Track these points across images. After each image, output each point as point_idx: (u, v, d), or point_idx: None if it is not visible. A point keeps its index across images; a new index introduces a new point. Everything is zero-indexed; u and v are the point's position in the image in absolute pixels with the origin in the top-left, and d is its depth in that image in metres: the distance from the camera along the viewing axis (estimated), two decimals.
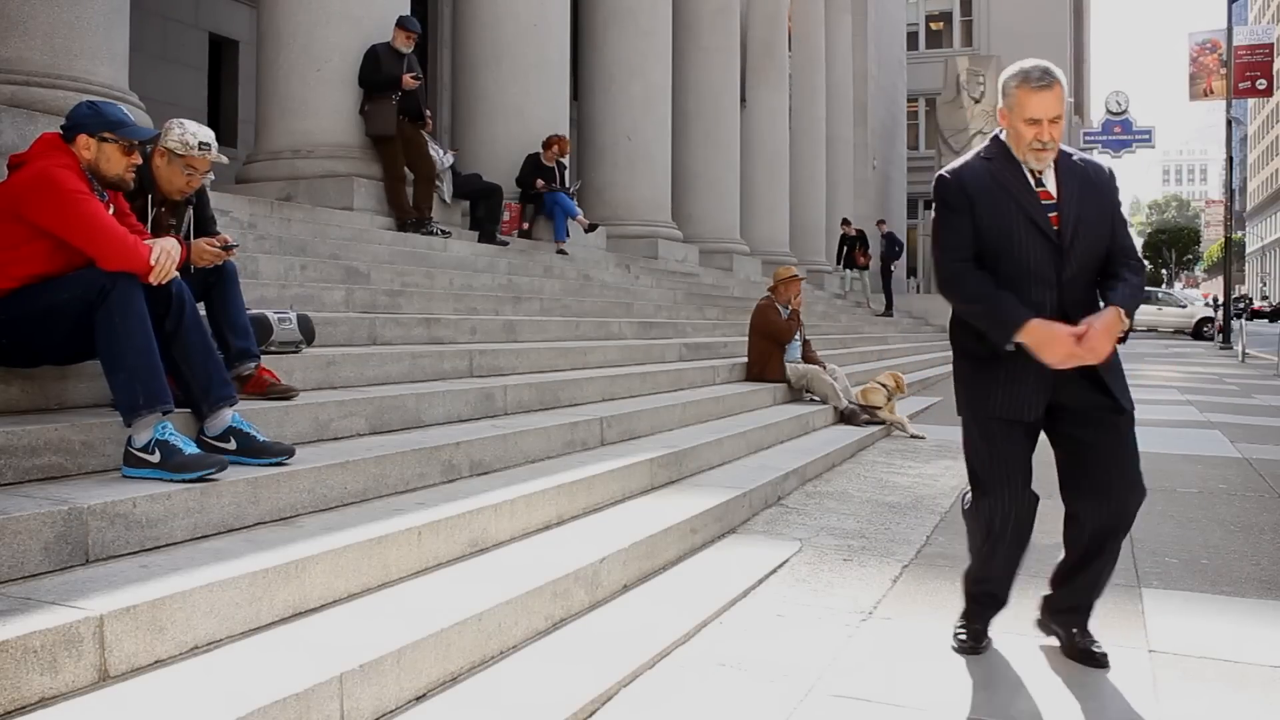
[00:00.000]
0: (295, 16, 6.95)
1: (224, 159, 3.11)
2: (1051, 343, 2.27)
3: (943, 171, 2.51)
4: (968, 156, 2.53)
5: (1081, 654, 2.53)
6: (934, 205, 2.50)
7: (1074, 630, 2.56)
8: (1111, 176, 2.48)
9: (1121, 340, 2.36)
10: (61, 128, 2.65)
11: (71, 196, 2.50)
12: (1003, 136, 2.45)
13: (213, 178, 3.28)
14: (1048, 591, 2.63)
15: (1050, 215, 2.37)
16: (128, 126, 2.69)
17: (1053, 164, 2.40)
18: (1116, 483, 2.40)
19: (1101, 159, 2.55)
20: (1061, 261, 2.36)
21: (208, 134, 3.02)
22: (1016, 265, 2.38)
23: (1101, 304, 2.41)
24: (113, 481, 2.40)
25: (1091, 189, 2.41)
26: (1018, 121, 2.35)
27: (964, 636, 2.62)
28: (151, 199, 3.03)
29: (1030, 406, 2.39)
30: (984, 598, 2.63)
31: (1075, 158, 2.46)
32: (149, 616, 1.91)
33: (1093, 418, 2.40)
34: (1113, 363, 2.40)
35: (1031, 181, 2.40)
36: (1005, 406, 2.40)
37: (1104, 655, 2.51)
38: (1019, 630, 2.75)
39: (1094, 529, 2.44)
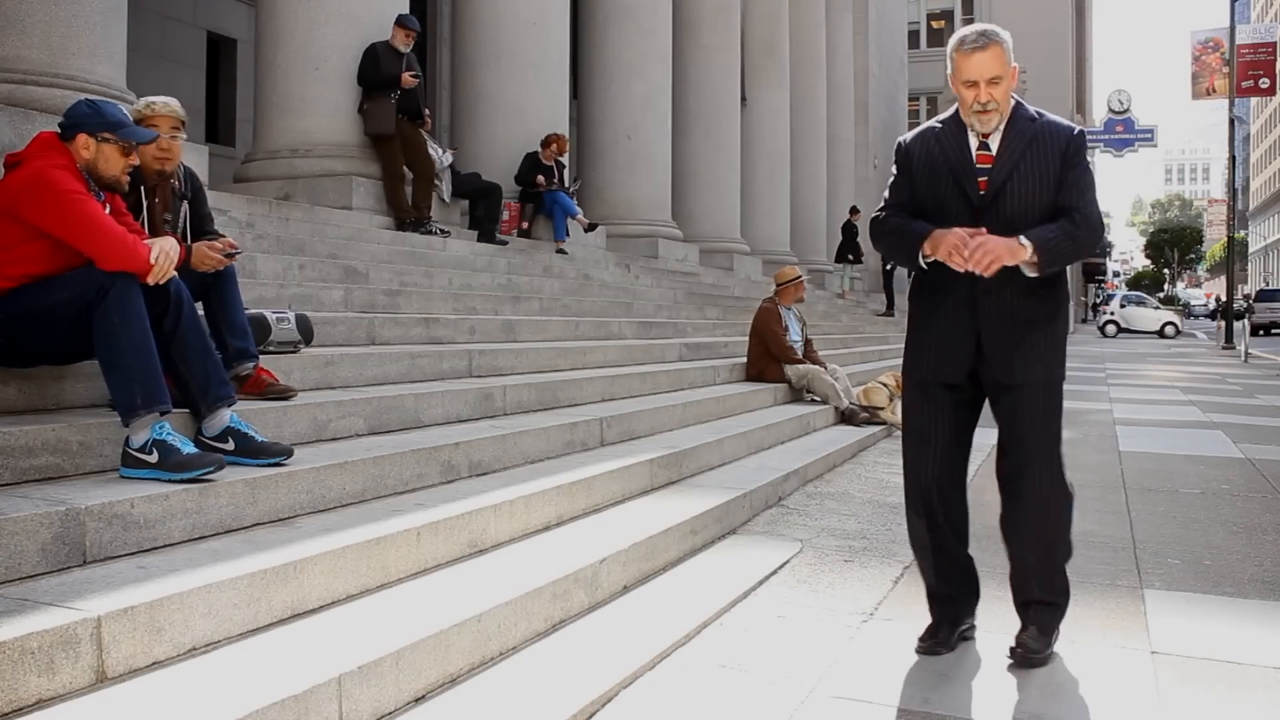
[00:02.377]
0: (294, 15, 6.93)
1: (181, 112, 3.09)
2: (944, 237, 2.34)
3: (900, 138, 2.60)
4: (927, 123, 2.58)
5: (1017, 644, 2.48)
6: None
7: (1026, 626, 2.51)
8: (1073, 139, 2.44)
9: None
10: (60, 126, 2.64)
11: (69, 197, 2.49)
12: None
13: (203, 161, 3.25)
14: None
15: (981, 180, 2.40)
16: (127, 127, 2.68)
17: (1004, 127, 2.42)
18: (1023, 460, 2.46)
19: (1072, 124, 2.55)
20: (977, 224, 2.37)
21: (156, 97, 3.05)
22: (940, 226, 2.41)
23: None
24: (110, 482, 2.40)
25: (1038, 151, 2.40)
26: (958, 86, 2.40)
27: (923, 637, 2.58)
28: (144, 190, 3.02)
29: (954, 369, 2.48)
30: (935, 588, 2.60)
31: (1033, 120, 2.44)
32: (147, 618, 1.90)
33: (996, 394, 2.49)
34: (1025, 334, 2.42)
35: (974, 144, 2.43)
36: (934, 369, 2.50)
37: (1034, 654, 2.46)
38: None
39: (1011, 509, 2.52)
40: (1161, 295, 37.70)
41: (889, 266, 17.38)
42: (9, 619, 1.77)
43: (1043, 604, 2.53)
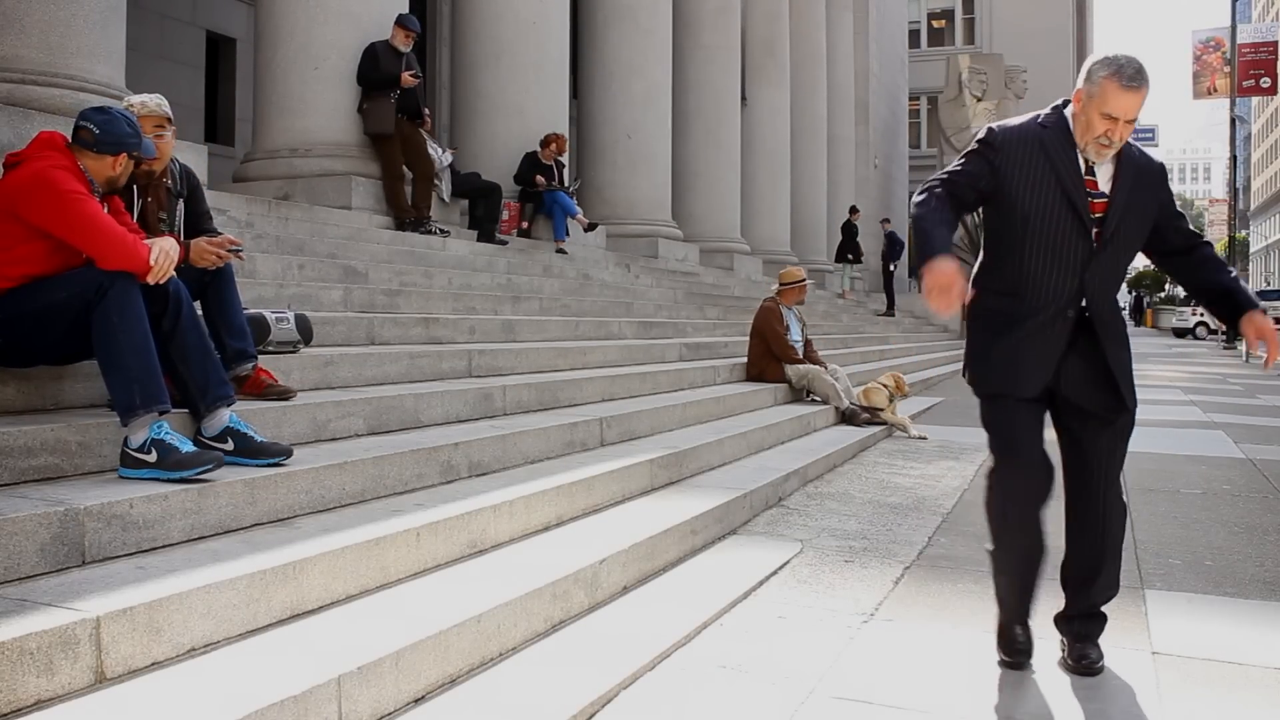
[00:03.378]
0: (293, 14, 6.93)
1: (165, 110, 3.08)
2: (931, 276, 2.22)
3: (994, 124, 2.46)
4: (1025, 118, 2.44)
5: (1076, 660, 2.44)
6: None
7: (1081, 640, 2.47)
8: (1163, 171, 2.46)
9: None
10: (96, 141, 2.60)
11: (70, 197, 2.49)
12: (1067, 111, 2.37)
13: (201, 160, 3.26)
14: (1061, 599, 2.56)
15: (1093, 201, 2.33)
16: (145, 141, 2.73)
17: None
18: (1106, 483, 2.43)
19: (1153, 154, 2.54)
20: (1091, 249, 2.33)
21: (136, 96, 3.07)
22: (1044, 241, 2.33)
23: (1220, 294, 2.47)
24: (109, 482, 2.39)
25: (1144, 183, 2.38)
26: (1093, 112, 2.26)
27: (1004, 656, 2.50)
28: (136, 189, 3.02)
29: (1028, 384, 2.37)
30: (1008, 600, 2.51)
31: (1130, 148, 2.39)
32: (146, 618, 1.90)
33: (1095, 417, 2.39)
34: (1125, 360, 2.39)
35: (1082, 165, 2.33)
36: (1004, 383, 2.40)
37: (1096, 664, 2.43)
38: None
39: (1090, 528, 2.45)
40: (1162, 295, 37.63)
41: (891, 267, 17.37)
42: (8, 619, 1.77)
43: (1098, 616, 2.50)
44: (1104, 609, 2.52)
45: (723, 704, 2.25)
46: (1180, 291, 42.64)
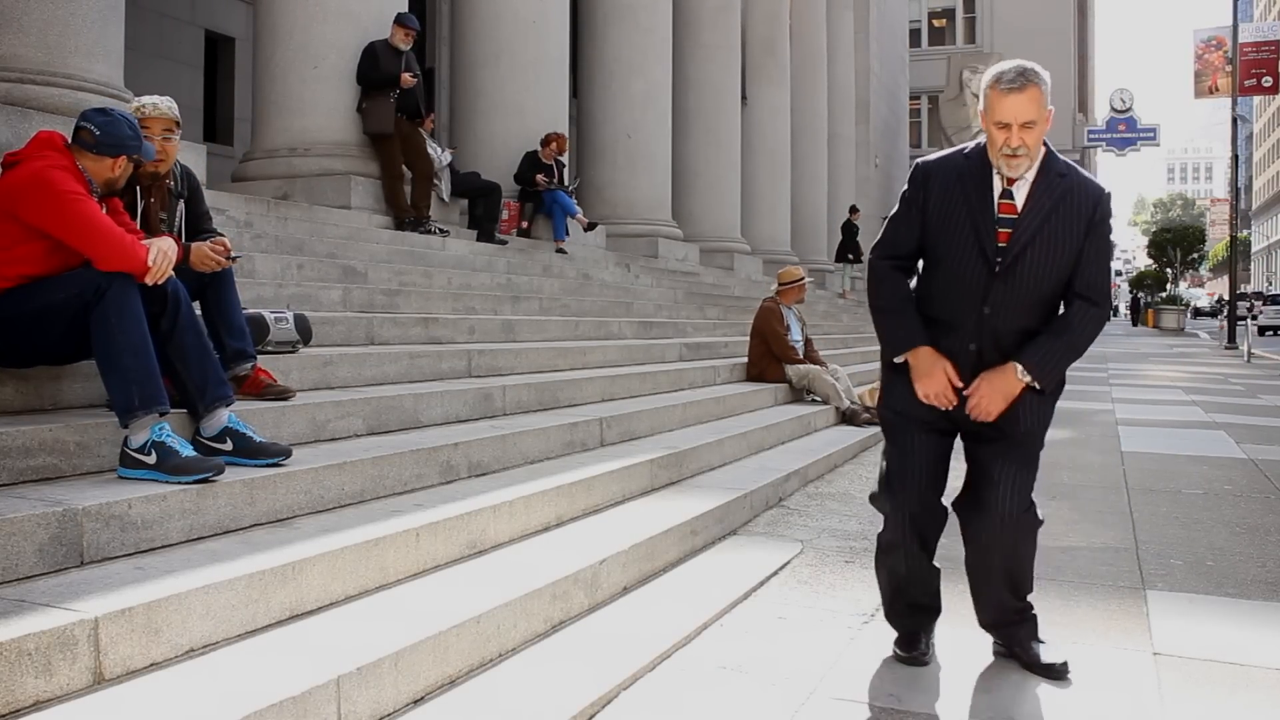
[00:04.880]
0: (292, 13, 6.92)
1: (174, 113, 3.08)
2: (925, 377, 2.30)
3: (920, 160, 2.44)
4: (953, 150, 2.43)
5: (1031, 666, 2.43)
6: None
7: (1017, 643, 2.47)
8: (1101, 203, 2.28)
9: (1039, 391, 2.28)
10: (98, 142, 2.59)
11: (69, 197, 2.48)
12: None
13: (200, 160, 3.25)
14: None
15: (1001, 231, 2.26)
16: (145, 144, 2.73)
17: (1033, 175, 2.26)
18: (990, 496, 2.33)
19: (1099, 184, 2.35)
20: (991, 283, 2.26)
21: (146, 98, 3.06)
22: (949, 276, 2.32)
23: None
24: (108, 483, 2.39)
25: (1065, 212, 2.25)
26: (989, 124, 2.23)
27: (898, 649, 2.51)
28: (139, 190, 3.02)
29: (926, 408, 2.34)
30: (906, 606, 2.54)
31: (1063, 175, 2.28)
32: (144, 619, 1.89)
33: (982, 433, 2.36)
34: (1025, 396, 2.29)
35: (997, 189, 2.27)
36: (906, 401, 2.37)
37: (1059, 666, 2.41)
38: None
39: (974, 541, 2.43)
40: (1164, 295, 37.54)
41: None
42: (6, 620, 1.76)
43: (1021, 620, 2.49)
44: (1030, 611, 2.48)
45: (723, 705, 2.24)
46: (1181, 292, 42.59)
